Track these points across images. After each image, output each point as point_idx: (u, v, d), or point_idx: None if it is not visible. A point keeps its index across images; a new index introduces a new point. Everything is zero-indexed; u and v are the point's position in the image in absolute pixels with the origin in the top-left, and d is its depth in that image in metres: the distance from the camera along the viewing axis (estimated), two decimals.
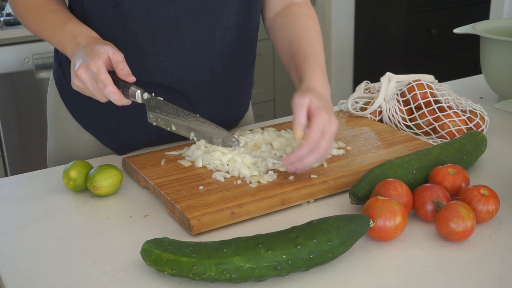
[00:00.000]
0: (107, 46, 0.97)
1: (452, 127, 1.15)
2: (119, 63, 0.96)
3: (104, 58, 0.95)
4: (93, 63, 0.94)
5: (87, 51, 0.96)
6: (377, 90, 1.31)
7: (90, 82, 0.95)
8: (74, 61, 0.97)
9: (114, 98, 0.95)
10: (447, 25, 3.26)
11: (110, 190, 0.99)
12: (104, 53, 0.95)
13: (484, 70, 1.41)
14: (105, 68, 0.95)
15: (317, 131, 0.94)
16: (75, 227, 0.92)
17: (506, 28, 1.46)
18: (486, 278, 0.76)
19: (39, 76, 2.40)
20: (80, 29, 1.02)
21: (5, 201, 1.01)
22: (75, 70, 0.95)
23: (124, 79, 0.97)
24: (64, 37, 1.02)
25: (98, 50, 0.95)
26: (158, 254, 0.76)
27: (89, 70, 0.94)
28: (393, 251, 0.83)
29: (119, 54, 0.97)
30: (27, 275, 0.80)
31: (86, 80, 0.95)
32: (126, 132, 1.18)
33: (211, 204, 0.91)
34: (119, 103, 0.96)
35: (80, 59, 0.96)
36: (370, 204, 0.83)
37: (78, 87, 0.97)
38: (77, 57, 0.97)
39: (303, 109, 0.96)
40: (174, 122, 1.00)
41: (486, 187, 0.89)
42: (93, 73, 0.94)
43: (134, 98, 0.98)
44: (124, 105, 0.97)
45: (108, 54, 0.96)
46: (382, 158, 1.06)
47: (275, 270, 0.74)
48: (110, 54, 0.96)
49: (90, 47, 0.96)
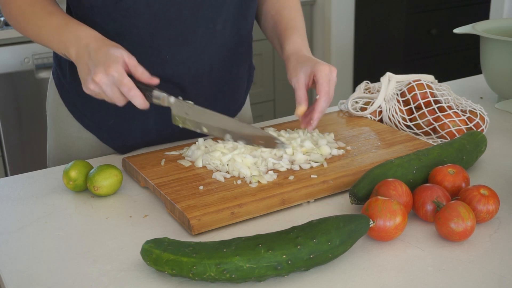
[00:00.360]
0: (121, 49, 0.97)
1: (452, 127, 1.15)
2: (137, 66, 0.96)
3: (122, 63, 0.95)
4: (113, 68, 0.93)
5: (101, 55, 0.95)
6: (377, 90, 1.31)
7: (110, 87, 0.94)
8: (87, 65, 0.96)
9: (138, 101, 0.95)
10: (447, 25, 3.26)
11: (110, 190, 0.99)
12: (120, 57, 0.95)
13: (484, 70, 1.41)
14: (125, 72, 0.95)
15: (325, 83, 1.05)
16: (75, 227, 0.92)
17: (506, 28, 1.46)
18: (486, 278, 0.76)
19: (39, 76, 2.40)
20: (84, 30, 1.01)
21: (5, 201, 1.01)
22: (93, 76, 0.94)
23: (148, 82, 0.97)
24: (67, 37, 1.00)
25: (114, 54, 0.95)
26: (158, 254, 0.76)
27: (109, 75, 0.93)
28: (393, 251, 0.83)
29: (133, 57, 0.97)
30: (27, 275, 0.80)
31: (105, 85, 0.94)
32: (126, 130, 1.18)
33: (211, 204, 0.91)
34: (142, 106, 0.96)
35: (94, 64, 0.95)
36: (370, 204, 0.84)
37: (93, 92, 0.96)
38: (90, 61, 0.96)
39: (302, 86, 1.07)
40: (205, 124, 0.98)
41: (486, 187, 0.89)
42: (114, 78, 0.94)
43: (159, 100, 0.98)
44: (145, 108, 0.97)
45: (124, 57, 0.96)
46: (382, 158, 1.06)
47: (275, 270, 0.74)
48: (126, 58, 0.96)
49: (104, 50, 0.96)
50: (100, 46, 0.97)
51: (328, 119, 1.26)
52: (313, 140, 1.10)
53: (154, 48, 1.09)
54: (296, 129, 1.17)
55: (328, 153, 1.07)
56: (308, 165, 1.02)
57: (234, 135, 0.98)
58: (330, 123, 1.24)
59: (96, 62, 0.95)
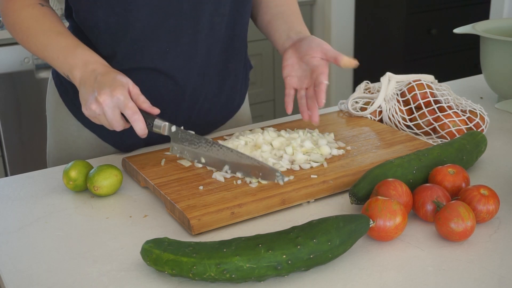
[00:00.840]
0: (127, 78, 0.99)
1: (452, 127, 1.15)
2: (139, 95, 0.99)
3: (127, 88, 0.97)
4: (119, 92, 0.96)
5: (108, 79, 0.98)
6: (377, 90, 1.31)
7: (111, 110, 0.96)
8: (91, 88, 0.98)
9: (140, 125, 0.97)
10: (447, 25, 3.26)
11: (110, 190, 0.99)
12: (127, 84, 0.98)
13: (484, 70, 1.41)
14: (130, 97, 0.97)
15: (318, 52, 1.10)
16: (75, 227, 0.92)
17: (506, 28, 1.46)
18: (486, 278, 0.76)
19: (39, 76, 2.40)
20: (93, 56, 1.04)
21: (5, 201, 1.01)
22: (97, 96, 0.96)
23: (149, 111, 0.99)
24: (75, 62, 1.02)
25: (121, 80, 0.98)
26: (158, 254, 0.76)
27: (114, 97, 0.95)
28: (393, 251, 0.83)
29: (137, 87, 0.99)
30: (27, 275, 0.80)
31: (107, 107, 0.96)
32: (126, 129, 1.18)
33: (211, 204, 0.91)
34: (142, 132, 0.98)
35: (100, 86, 0.97)
36: (370, 204, 0.84)
37: (93, 113, 0.98)
38: (96, 84, 0.97)
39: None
40: (204, 155, 0.99)
41: (486, 187, 0.89)
42: (119, 101, 0.96)
43: (159, 129, 0.99)
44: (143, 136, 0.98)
45: (129, 85, 0.98)
46: (382, 158, 1.06)
47: (275, 270, 0.74)
48: (130, 86, 0.98)
49: (111, 76, 0.98)
50: (108, 72, 1.00)
51: (328, 119, 1.26)
52: (313, 140, 1.10)
53: (154, 40, 1.10)
54: (296, 129, 1.17)
55: (328, 153, 1.07)
56: (308, 165, 1.02)
57: (232, 166, 0.97)
58: (330, 123, 1.24)
59: (102, 85, 0.97)
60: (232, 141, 1.09)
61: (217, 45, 1.17)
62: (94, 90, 0.97)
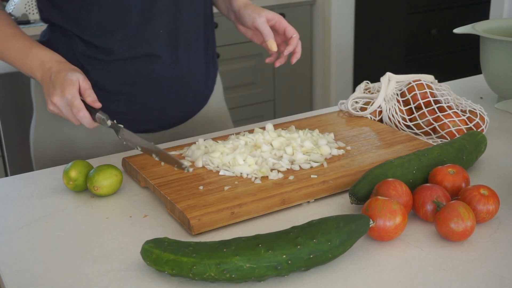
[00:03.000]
0: (78, 73, 1.05)
1: (452, 127, 1.15)
2: (87, 90, 1.05)
3: (77, 86, 1.04)
4: (68, 91, 1.02)
5: (60, 79, 1.04)
6: (377, 90, 1.31)
7: (65, 108, 1.04)
8: (48, 87, 1.05)
9: (86, 121, 1.04)
10: (447, 25, 3.26)
11: (110, 190, 0.99)
12: (76, 81, 1.04)
13: (484, 70, 1.41)
14: (78, 95, 1.03)
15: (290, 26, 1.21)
16: (75, 227, 0.92)
17: (506, 28, 1.46)
18: (486, 278, 0.76)
19: None
20: (46, 54, 1.09)
21: (5, 201, 1.01)
22: (51, 98, 1.03)
23: (91, 105, 1.04)
24: (32, 63, 1.09)
25: (71, 78, 1.04)
26: (158, 254, 0.76)
27: (64, 97, 1.02)
28: (393, 251, 0.83)
29: (87, 81, 1.06)
30: (27, 275, 0.80)
31: (61, 107, 1.03)
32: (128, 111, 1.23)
33: (211, 204, 0.91)
34: (90, 126, 1.05)
35: (53, 86, 1.04)
36: (370, 204, 0.84)
37: (54, 111, 1.05)
38: (51, 84, 1.04)
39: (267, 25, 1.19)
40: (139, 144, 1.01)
41: (486, 187, 0.89)
42: (68, 100, 1.02)
43: (100, 123, 1.05)
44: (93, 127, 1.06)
45: (79, 81, 1.04)
46: (382, 158, 1.06)
47: (275, 270, 0.74)
48: (81, 81, 1.04)
49: (62, 75, 1.04)
50: (60, 70, 1.06)
51: (328, 119, 1.26)
52: (313, 140, 1.10)
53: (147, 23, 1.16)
54: (297, 129, 1.17)
55: (328, 153, 1.07)
56: (308, 165, 1.02)
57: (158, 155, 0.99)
58: (330, 123, 1.24)
59: (55, 85, 1.04)
60: (232, 141, 1.09)
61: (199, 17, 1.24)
62: (49, 91, 1.05)
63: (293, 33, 1.21)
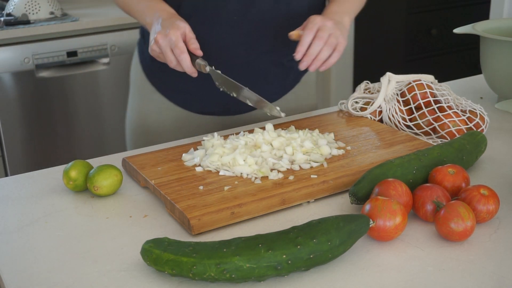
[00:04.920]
0: (185, 23, 1.12)
1: (452, 127, 1.15)
2: (191, 39, 1.11)
3: (182, 31, 1.09)
4: (172, 32, 1.08)
5: (168, 23, 1.11)
6: (377, 90, 1.31)
7: (166, 48, 1.08)
8: (155, 28, 1.12)
9: (186, 64, 1.09)
10: (447, 25, 3.26)
11: (110, 190, 0.99)
12: (183, 28, 1.10)
13: (484, 70, 1.41)
14: (181, 39, 1.09)
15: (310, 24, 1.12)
16: (75, 227, 0.92)
17: (506, 28, 1.46)
18: (486, 278, 0.76)
19: (39, 76, 2.40)
20: (162, 7, 1.18)
21: (5, 201, 1.01)
22: (155, 36, 1.09)
23: (193, 51, 1.10)
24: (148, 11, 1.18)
25: (179, 24, 1.10)
26: (158, 254, 0.76)
27: (167, 37, 1.08)
28: (393, 251, 0.83)
29: (192, 32, 1.11)
30: (27, 275, 0.80)
31: (163, 46, 1.08)
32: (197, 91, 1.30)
33: (211, 204, 0.91)
34: (188, 70, 1.09)
35: (160, 28, 1.11)
36: (370, 204, 0.83)
37: (155, 52, 1.11)
38: (158, 26, 1.12)
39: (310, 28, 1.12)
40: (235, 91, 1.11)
41: (486, 187, 0.89)
42: (171, 41, 1.08)
43: (199, 68, 1.11)
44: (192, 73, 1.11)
45: (185, 30, 1.10)
46: (382, 158, 1.06)
47: (275, 270, 0.74)
48: (187, 30, 1.11)
49: (172, 20, 1.12)
50: (170, 17, 1.14)
51: (328, 119, 1.26)
52: (313, 140, 1.10)
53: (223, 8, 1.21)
54: (296, 129, 1.17)
55: (328, 153, 1.07)
56: (308, 165, 1.02)
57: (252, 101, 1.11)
58: (330, 123, 1.24)
59: (161, 27, 1.11)
60: (232, 141, 1.09)
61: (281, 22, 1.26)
62: (154, 31, 1.11)
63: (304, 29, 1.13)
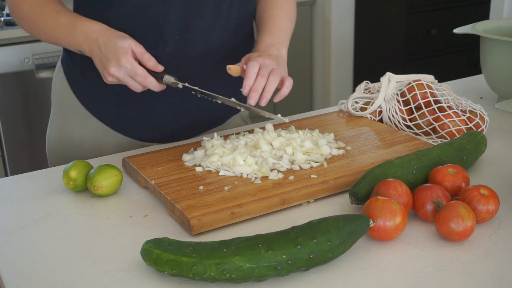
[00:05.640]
0: (128, 39, 1.03)
1: (452, 127, 1.15)
2: (143, 54, 1.03)
3: (130, 52, 1.01)
4: (124, 60, 1.00)
5: (111, 49, 1.01)
6: (377, 90, 1.31)
7: (125, 78, 1.02)
8: (101, 60, 1.03)
9: (154, 85, 1.03)
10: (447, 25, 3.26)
11: (110, 190, 0.99)
12: (128, 47, 1.01)
13: (484, 70, 1.41)
14: (136, 62, 1.01)
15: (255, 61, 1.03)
16: (75, 227, 0.92)
17: (506, 28, 1.46)
18: (486, 278, 0.76)
19: (39, 76, 2.40)
20: (91, 25, 1.06)
21: (5, 201, 1.01)
22: (107, 70, 1.01)
23: (153, 69, 1.03)
24: (77, 35, 1.06)
25: (122, 46, 1.01)
26: (158, 254, 0.76)
27: (121, 67, 1.00)
28: (393, 251, 0.83)
29: (139, 45, 1.03)
30: (27, 275, 0.80)
31: (120, 77, 1.01)
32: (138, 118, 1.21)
33: (211, 204, 0.91)
34: (158, 89, 1.04)
35: (106, 58, 1.01)
36: (370, 204, 0.83)
37: (113, 82, 1.04)
38: (103, 56, 1.02)
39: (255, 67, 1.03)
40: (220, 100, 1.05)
41: (486, 187, 0.89)
42: (127, 69, 1.01)
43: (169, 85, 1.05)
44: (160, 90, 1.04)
45: (131, 47, 1.02)
46: (382, 158, 1.06)
47: (275, 270, 0.74)
48: (133, 47, 1.02)
49: (112, 44, 1.02)
50: (108, 39, 1.03)
51: (328, 119, 1.26)
52: (313, 140, 1.10)
53: (166, 27, 1.11)
54: (297, 129, 1.17)
55: (328, 153, 1.07)
56: (308, 165, 1.02)
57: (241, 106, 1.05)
58: (330, 123, 1.24)
59: (107, 56, 1.01)
60: (232, 141, 1.09)
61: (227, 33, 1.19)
62: (102, 63, 1.03)
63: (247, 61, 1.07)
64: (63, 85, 1.24)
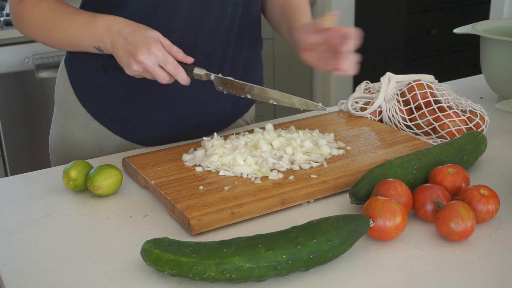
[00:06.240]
0: (155, 31, 1.02)
1: (452, 127, 1.15)
2: (171, 46, 1.03)
3: (160, 42, 1.01)
4: (155, 48, 1.00)
5: (139, 37, 1.01)
6: (377, 90, 1.31)
7: (153, 67, 1.00)
8: (127, 49, 1.01)
9: (183, 77, 1.03)
10: (447, 25, 3.26)
11: (110, 190, 0.99)
12: (158, 38, 1.01)
13: (484, 70, 1.41)
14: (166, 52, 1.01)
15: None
16: (75, 227, 0.92)
17: (506, 28, 1.46)
18: (486, 278, 0.76)
19: (39, 76, 2.40)
20: (112, 18, 1.05)
21: (5, 201, 1.01)
22: (136, 57, 0.99)
23: (184, 61, 1.03)
24: (98, 30, 1.05)
25: (152, 36, 1.01)
26: (158, 254, 0.76)
27: (152, 55, 0.99)
28: (393, 251, 0.83)
29: (166, 38, 1.03)
30: (27, 275, 0.80)
31: (149, 65, 1.00)
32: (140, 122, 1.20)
33: (211, 204, 0.91)
34: (185, 82, 1.03)
35: (134, 46, 1.00)
36: (370, 204, 0.83)
37: (136, 73, 1.03)
38: (129, 45, 1.01)
39: None
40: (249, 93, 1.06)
41: (486, 187, 0.89)
42: (158, 58, 1.00)
43: (200, 77, 1.06)
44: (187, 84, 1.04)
45: (159, 38, 1.01)
46: (382, 158, 1.06)
47: (275, 270, 0.74)
48: (161, 39, 1.02)
49: (141, 33, 1.01)
50: (134, 30, 1.02)
51: (328, 119, 1.26)
52: (313, 140, 1.10)
53: (172, 30, 1.11)
54: (297, 129, 1.17)
55: (328, 153, 1.07)
56: (308, 165, 1.02)
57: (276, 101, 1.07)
58: (330, 123, 1.24)
59: (135, 44, 1.00)
60: (232, 141, 1.09)
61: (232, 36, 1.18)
62: (129, 52, 1.01)
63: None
64: (66, 86, 1.24)
